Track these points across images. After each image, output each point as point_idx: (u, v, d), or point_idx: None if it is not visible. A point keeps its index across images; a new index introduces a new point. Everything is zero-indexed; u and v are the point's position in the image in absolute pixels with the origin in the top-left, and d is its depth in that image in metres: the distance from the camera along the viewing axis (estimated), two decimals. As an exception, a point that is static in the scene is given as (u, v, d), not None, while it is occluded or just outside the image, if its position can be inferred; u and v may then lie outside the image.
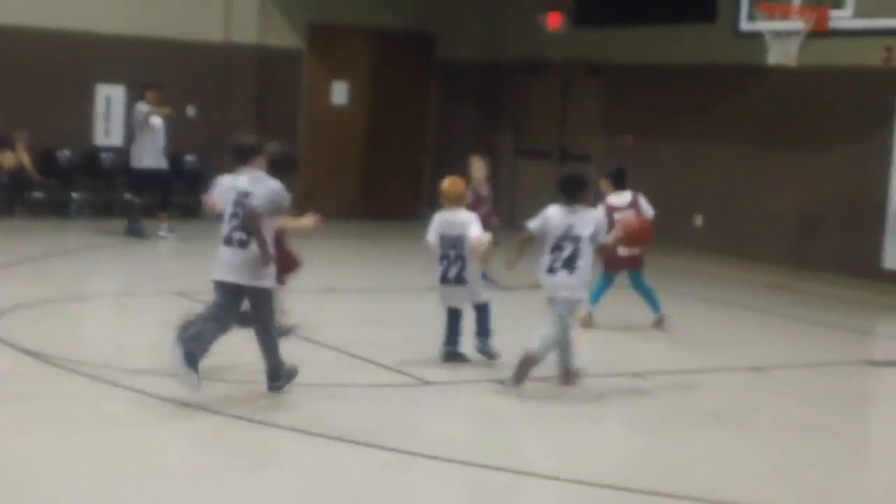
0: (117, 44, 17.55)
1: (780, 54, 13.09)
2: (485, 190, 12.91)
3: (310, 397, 8.37)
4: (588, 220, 8.86)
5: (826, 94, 15.28)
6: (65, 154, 17.40)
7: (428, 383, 8.99)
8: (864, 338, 12.30)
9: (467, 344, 9.66)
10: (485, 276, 11.01)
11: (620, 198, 11.18)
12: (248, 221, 8.09)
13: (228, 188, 8.34)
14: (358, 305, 12.14)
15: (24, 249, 14.24)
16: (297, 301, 11.75)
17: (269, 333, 8.28)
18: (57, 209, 17.20)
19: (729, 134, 16.36)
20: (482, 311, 9.62)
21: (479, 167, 12.28)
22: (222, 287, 8.23)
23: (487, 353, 9.62)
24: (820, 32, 13.09)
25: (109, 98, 17.72)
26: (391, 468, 7.04)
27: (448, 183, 9.62)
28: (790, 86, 15.37)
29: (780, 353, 10.91)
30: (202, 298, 10.92)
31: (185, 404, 7.91)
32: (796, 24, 12.99)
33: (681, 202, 16.86)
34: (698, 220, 16.79)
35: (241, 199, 8.20)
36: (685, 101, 17.12)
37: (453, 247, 9.42)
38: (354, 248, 16.72)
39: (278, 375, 8.32)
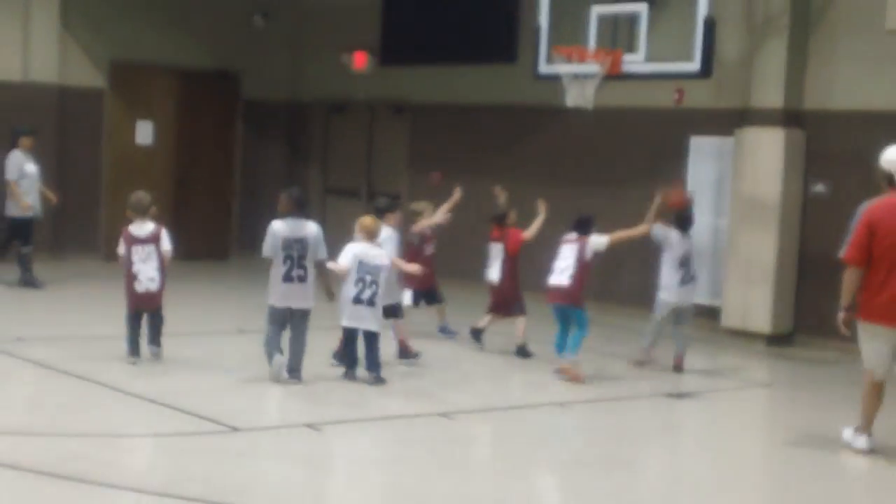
0: None
1: (578, 97, 13.48)
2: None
3: (114, 448, 8.32)
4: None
5: (622, 134, 15.85)
6: None
7: (236, 430, 8.99)
8: (660, 370, 12.72)
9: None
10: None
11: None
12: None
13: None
14: (166, 350, 11.99)
15: None
16: (104, 347, 11.64)
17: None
18: None
19: (531, 173, 16.74)
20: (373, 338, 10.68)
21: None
22: None
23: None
24: (615, 76, 13.52)
25: None
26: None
27: (369, 220, 10.92)
28: (588, 126, 15.85)
29: (584, 388, 11.20)
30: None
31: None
32: (592, 67, 13.39)
33: (485, 240, 17.16)
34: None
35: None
36: (488, 140, 17.51)
37: (369, 272, 10.60)
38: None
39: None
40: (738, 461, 9.25)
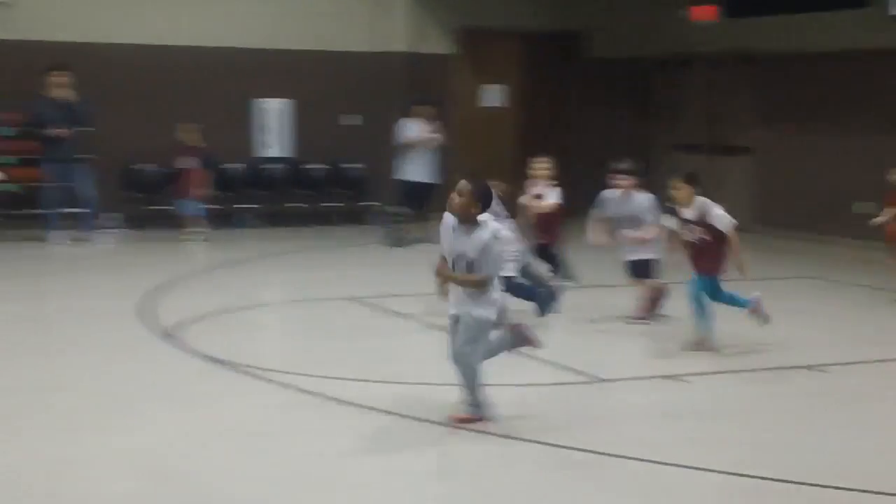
0: (274, 58, 18.15)
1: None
2: None
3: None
4: None
5: None
6: (234, 167, 18.03)
7: (603, 380, 9.17)
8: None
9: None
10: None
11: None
12: None
13: None
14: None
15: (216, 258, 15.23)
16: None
17: None
18: (226, 221, 17.76)
19: (885, 122, 16.21)
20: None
21: None
22: None
23: None
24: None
25: (267, 112, 18.31)
26: (581, 467, 7.18)
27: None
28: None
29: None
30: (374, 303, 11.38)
31: (369, 408, 8.15)
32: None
33: (837, 190, 16.81)
34: (856, 208, 16.66)
35: None
36: (839, 89, 17.03)
37: None
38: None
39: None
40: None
